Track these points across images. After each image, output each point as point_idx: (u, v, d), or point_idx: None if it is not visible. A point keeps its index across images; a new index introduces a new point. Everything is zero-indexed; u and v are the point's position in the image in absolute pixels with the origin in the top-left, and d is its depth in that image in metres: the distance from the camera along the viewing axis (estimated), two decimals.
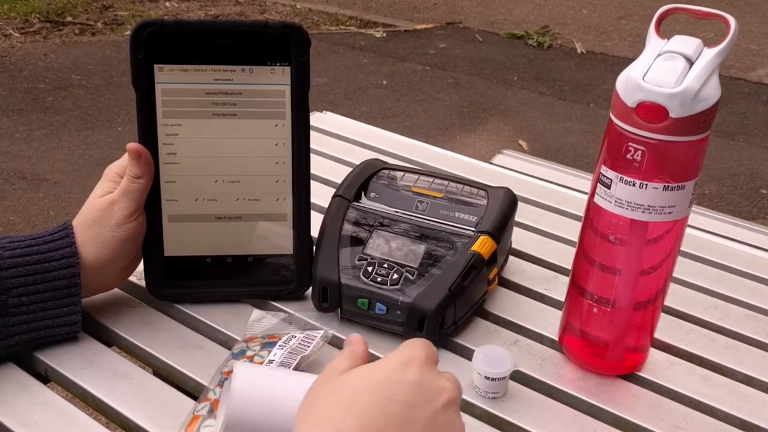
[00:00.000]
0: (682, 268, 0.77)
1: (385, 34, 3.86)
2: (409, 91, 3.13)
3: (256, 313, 0.64)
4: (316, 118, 1.08)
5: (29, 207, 2.16)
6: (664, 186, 0.53)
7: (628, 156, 0.53)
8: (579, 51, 3.69)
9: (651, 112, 0.51)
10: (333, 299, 0.64)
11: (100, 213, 0.60)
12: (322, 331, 0.60)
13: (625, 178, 0.53)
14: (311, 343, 0.58)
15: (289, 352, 0.57)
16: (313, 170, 0.66)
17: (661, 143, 0.52)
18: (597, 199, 0.56)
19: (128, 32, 0.59)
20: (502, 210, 0.70)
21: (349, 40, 3.75)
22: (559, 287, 0.73)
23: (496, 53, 3.62)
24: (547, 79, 3.32)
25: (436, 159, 0.98)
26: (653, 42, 0.53)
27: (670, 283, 0.60)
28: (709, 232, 0.87)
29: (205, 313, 0.66)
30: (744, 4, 4.42)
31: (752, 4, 4.43)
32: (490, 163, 1.02)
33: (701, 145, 0.53)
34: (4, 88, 2.93)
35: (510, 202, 0.72)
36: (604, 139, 0.55)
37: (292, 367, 0.56)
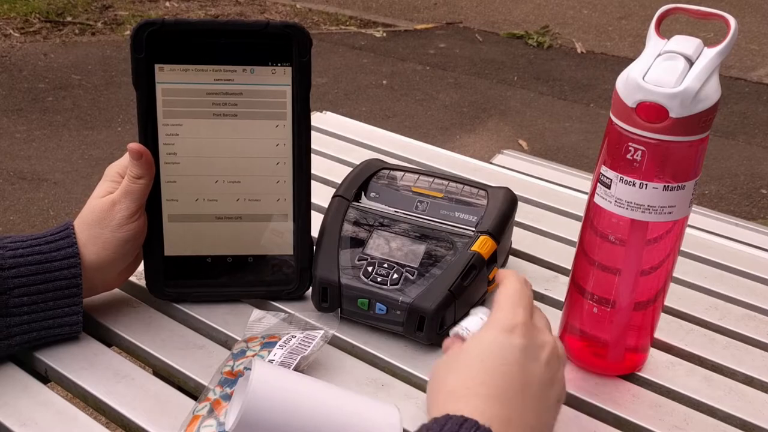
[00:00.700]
0: (682, 268, 0.77)
1: (385, 34, 3.86)
2: (409, 91, 3.13)
3: (256, 313, 0.64)
4: (316, 118, 1.08)
5: (29, 207, 2.16)
6: (664, 186, 0.53)
7: (628, 156, 0.53)
8: (579, 51, 3.69)
9: (651, 112, 0.51)
10: (333, 299, 0.64)
11: (101, 214, 0.60)
12: (322, 331, 0.60)
13: (625, 178, 0.53)
14: (311, 343, 0.58)
15: (289, 352, 0.57)
16: (313, 170, 0.66)
17: (661, 143, 0.52)
18: (597, 199, 0.56)
19: (128, 32, 0.60)
20: (502, 210, 0.70)
21: (349, 40, 3.75)
22: (559, 287, 0.73)
23: (496, 53, 3.62)
24: (547, 79, 3.32)
25: (436, 159, 0.98)
26: (653, 42, 0.53)
27: (670, 283, 0.60)
28: (709, 232, 0.87)
29: (205, 313, 0.66)
30: (744, 4, 4.42)
31: (752, 4, 4.43)
32: (490, 163, 1.02)
33: (701, 145, 0.53)
34: (4, 88, 2.93)
35: (510, 202, 0.72)
36: (604, 139, 0.55)
37: (292, 367, 0.56)
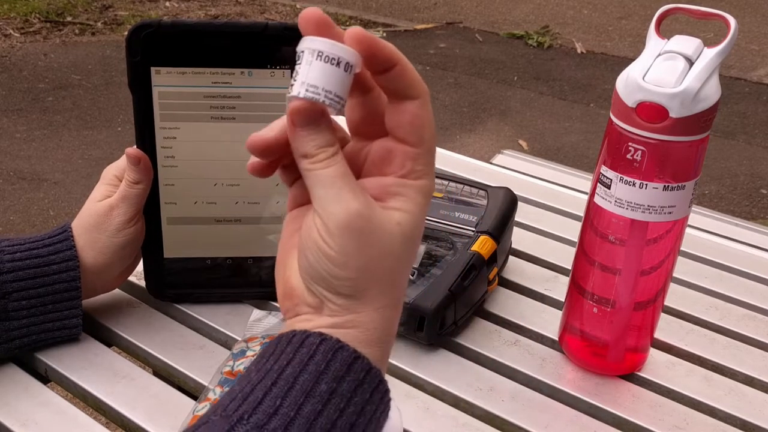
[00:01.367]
0: (682, 268, 0.77)
1: (385, 34, 3.86)
2: None
3: (256, 313, 0.64)
4: None
5: (29, 207, 2.16)
6: (664, 186, 0.53)
7: (628, 156, 0.53)
8: (579, 51, 3.69)
9: (651, 112, 0.51)
10: None
11: (99, 218, 0.60)
12: None
13: (625, 178, 0.53)
14: None
15: None
16: None
17: (661, 143, 0.52)
18: (597, 199, 0.56)
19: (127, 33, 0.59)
20: (502, 210, 0.70)
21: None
22: (559, 287, 0.73)
23: (496, 53, 3.62)
24: (547, 79, 3.32)
25: (436, 159, 0.98)
26: (653, 42, 0.53)
27: (670, 283, 0.60)
28: (709, 232, 0.87)
29: (205, 313, 0.66)
30: (744, 4, 4.42)
31: (752, 4, 4.43)
32: (490, 163, 1.02)
33: (701, 145, 0.53)
34: (4, 88, 2.93)
35: (510, 202, 0.72)
36: (604, 139, 0.55)
37: None
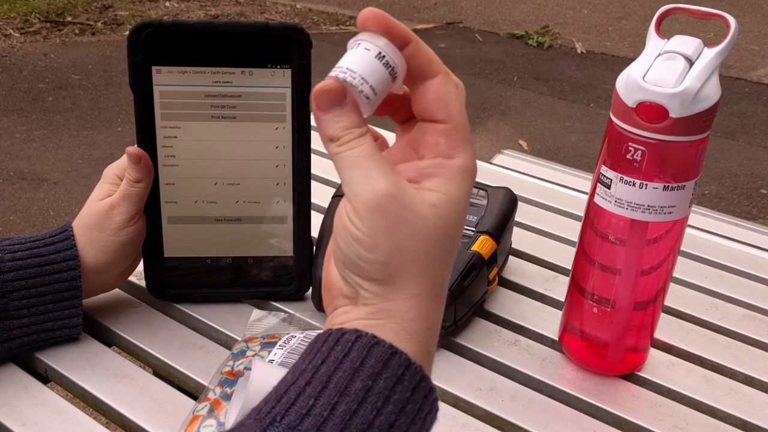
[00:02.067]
0: (682, 268, 0.77)
1: None
2: None
3: (256, 313, 0.64)
4: None
5: (29, 207, 2.16)
6: (664, 186, 0.53)
7: (628, 156, 0.53)
8: (579, 51, 3.69)
9: (651, 112, 0.51)
10: None
11: (100, 217, 0.60)
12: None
13: (625, 178, 0.53)
14: None
15: (289, 352, 0.57)
16: (313, 170, 0.65)
17: (661, 143, 0.52)
18: (597, 199, 0.56)
19: (128, 32, 0.59)
20: (502, 210, 0.69)
21: (349, 40, 3.75)
22: (559, 287, 0.73)
23: (496, 53, 3.62)
24: (547, 79, 3.32)
25: None
26: (653, 42, 0.53)
27: (670, 283, 0.60)
28: (709, 232, 0.87)
29: (205, 313, 0.66)
30: (744, 4, 4.42)
31: (752, 4, 4.43)
32: (490, 163, 1.02)
33: (701, 145, 0.53)
34: (4, 88, 2.93)
35: (510, 202, 0.72)
36: (604, 139, 0.55)
37: None
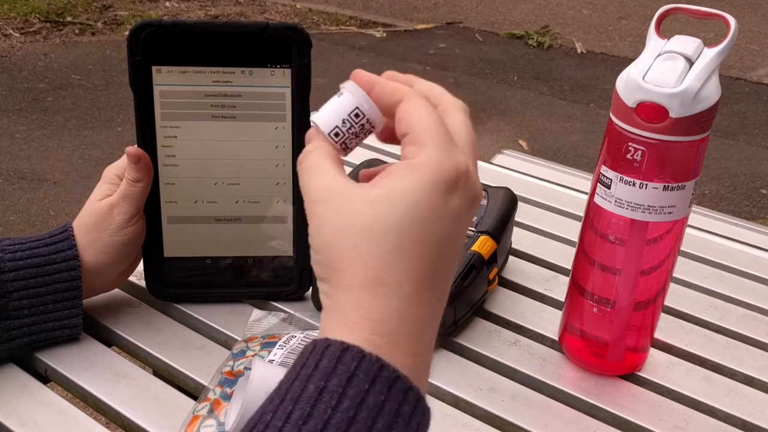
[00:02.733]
0: (682, 268, 0.77)
1: (385, 34, 3.86)
2: None
3: (256, 313, 0.64)
4: None
5: (29, 207, 2.16)
6: (664, 186, 0.53)
7: (628, 156, 0.53)
8: (579, 51, 3.69)
9: (651, 112, 0.51)
10: None
11: (100, 217, 0.60)
12: None
13: (625, 178, 0.53)
14: None
15: (288, 352, 0.57)
16: None
17: (661, 143, 0.52)
18: (597, 199, 0.56)
19: (128, 33, 0.59)
20: (502, 210, 0.69)
21: (349, 40, 3.75)
22: (559, 287, 0.73)
23: (496, 53, 3.62)
24: (547, 79, 3.32)
25: None
26: (653, 42, 0.53)
27: (670, 283, 0.60)
28: (709, 232, 0.87)
29: (205, 313, 0.66)
30: (744, 4, 4.42)
31: (752, 4, 4.43)
32: (490, 163, 1.02)
33: (701, 145, 0.53)
34: (4, 88, 2.93)
35: (510, 202, 0.72)
36: (604, 139, 0.55)
37: None
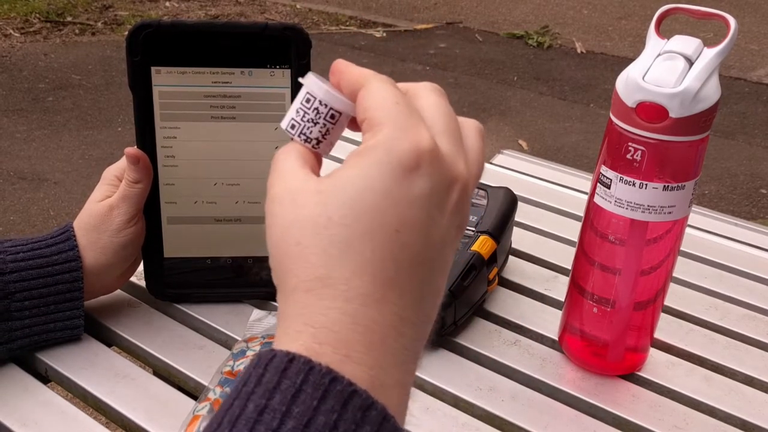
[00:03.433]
0: (682, 268, 0.77)
1: (385, 34, 3.86)
2: None
3: (256, 313, 0.64)
4: None
5: (29, 207, 2.16)
6: (664, 186, 0.53)
7: (628, 156, 0.53)
8: (579, 51, 3.69)
9: (651, 112, 0.51)
10: None
11: (99, 218, 0.60)
12: None
13: (625, 178, 0.53)
14: None
15: None
16: None
17: (661, 143, 0.52)
18: (597, 199, 0.56)
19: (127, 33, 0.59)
20: (502, 210, 0.69)
21: (349, 40, 3.75)
22: (559, 287, 0.73)
23: (496, 53, 3.62)
24: (547, 79, 3.32)
25: None
26: (653, 42, 0.53)
27: (670, 283, 0.60)
28: (709, 232, 0.87)
29: (205, 313, 0.66)
30: (744, 4, 4.42)
31: (752, 4, 4.43)
32: (490, 163, 1.02)
33: (701, 145, 0.53)
34: (4, 88, 2.93)
35: (510, 202, 0.72)
36: (604, 139, 0.55)
37: None
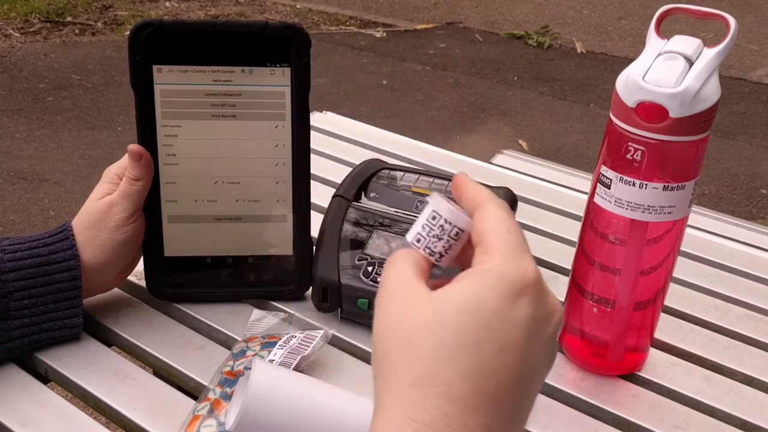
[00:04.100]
0: (682, 268, 0.77)
1: (385, 34, 3.86)
2: (409, 91, 3.13)
3: (256, 313, 0.64)
4: (316, 118, 1.08)
5: (29, 207, 2.16)
6: (664, 186, 0.53)
7: (628, 156, 0.53)
8: (579, 51, 3.69)
9: (651, 112, 0.51)
10: (333, 299, 0.64)
11: (99, 215, 0.60)
12: (322, 331, 0.60)
13: (625, 178, 0.53)
14: (311, 343, 0.58)
15: (289, 352, 0.57)
16: (313, 170, 0.65)
17: (661, 143, 0.52)
18: (597, 199, 0.56)
19: (128, 32, 0.59)
20: None
21: (349, 40, 3.75)
22: (559, 287, 0.72)
23: (496, 53, 3.62)
24: (547, 79, 3.32)
25: (436, 159, 0.98)
26: (653, 42, 0.53)
27: (670, 283, 0.60)
28: (709, 232, 0.87)
29: (205, 313, 0.66)
30: (744, 4, 4.42)
31: (752, 4, 4.43)
32: (490, 163, 1.02)
33: (701, 145, 0.53)
34: (4, 88, 2.93)
35: (510, 202, 0.72)
36: (604, 139, 0.55)
37: (292, 367, 0.56)
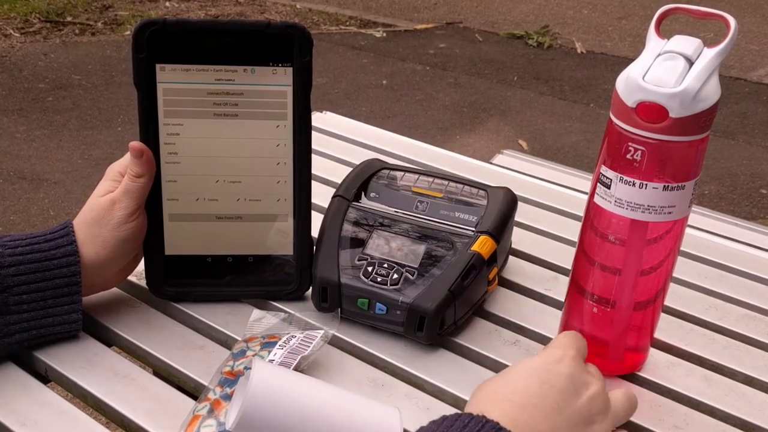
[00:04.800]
0: (682, 268, 0.77)
1: (385, 34, 3.86)
2: (409, 91, 3.13)
3: (256, 313, 0.64)
4: (316, 118, 1.08)
5: (29, 207, 2.16)
6: (664, 186, 0.53)
7: (628, 156, 0.53)
8: (579, 51, 3.69)
9: (651, 112, 0.51)
10: (333, 299, 0.64)
11: (101, 212, 0.60)
12: (322, 331, 0.60)
13: (625, 178, 0.53)
14: (311, 343, 0.58)
15: (289, 352, 0.57)
16: (313, 170, 0.66)
17: (661, 143, 0.52)
18: (597, 199, 0.56)
19: (128, 32, 0.60)
20: (502, 210, 0.70)
21: (349, 40, 3.75)
22: (559, 287, 0.73)
23: (496, 53, 3.62)
24: (547, 79, 3.32)
25: (436, 159, 0.98)
26: (653, 42, 0.53)
27: (670, 283, 0.60)
28: (709, 232, 0.87)
29: (205, 313, 0.66)
30: (744, 4, 4.42)
31: (752, 4, 4.43)
32: (490, 163, 1.02)
33: (701, 145, 0.53)
34: (4, 88, 2.93)
35: (510, 202, 0.72)
36: (604, 139, 0.55)
37: (292, 367, 0.56)
